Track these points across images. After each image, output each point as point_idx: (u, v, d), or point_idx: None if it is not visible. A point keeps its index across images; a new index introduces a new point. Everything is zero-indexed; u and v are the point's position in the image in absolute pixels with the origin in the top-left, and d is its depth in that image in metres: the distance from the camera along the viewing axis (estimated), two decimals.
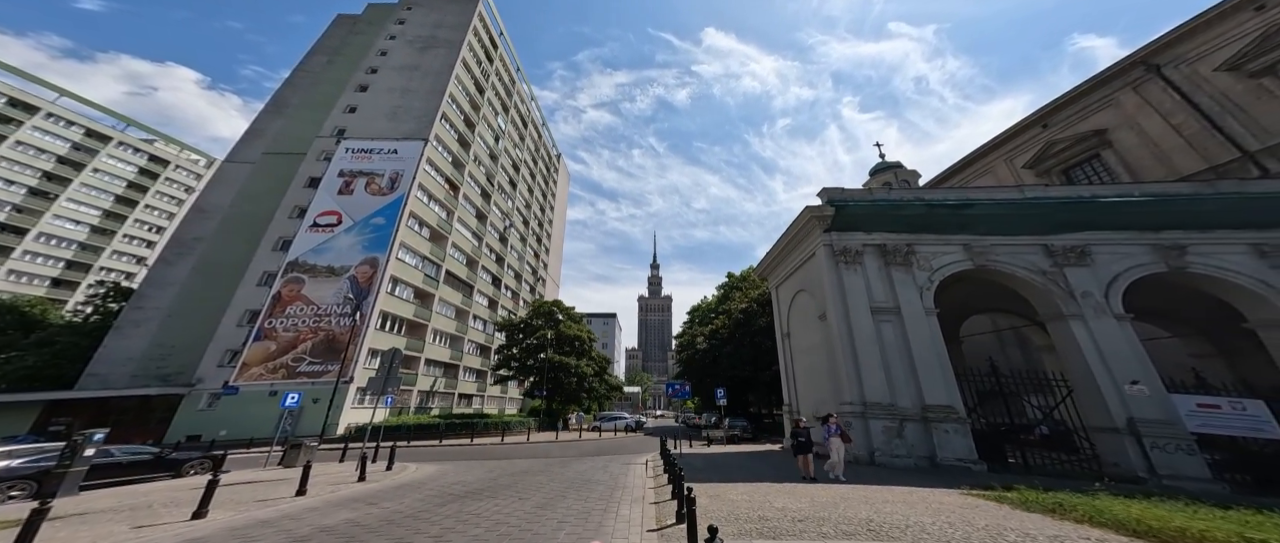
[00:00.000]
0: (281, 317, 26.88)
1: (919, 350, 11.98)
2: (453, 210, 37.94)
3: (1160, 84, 18.38)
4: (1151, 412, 10.63)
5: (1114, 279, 12.38)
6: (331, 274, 28.43)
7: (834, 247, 13.87)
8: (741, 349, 29.97)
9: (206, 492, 5.77)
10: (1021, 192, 13.94)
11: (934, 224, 13.86)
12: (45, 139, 54.80)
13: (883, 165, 28.29)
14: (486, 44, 49.53)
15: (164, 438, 23.02)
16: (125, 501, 7.60)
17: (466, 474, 11.22)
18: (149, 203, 64.61)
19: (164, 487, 9.16)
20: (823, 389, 13.99)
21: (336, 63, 44.29)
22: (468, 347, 40.79)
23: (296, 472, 10.85)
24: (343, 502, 7.50)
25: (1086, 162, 20.78)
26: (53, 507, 4.59)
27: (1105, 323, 11.74)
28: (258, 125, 40.45)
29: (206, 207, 35.12)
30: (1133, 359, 11.23)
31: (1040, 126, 22.51)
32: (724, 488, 8.38)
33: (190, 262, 32.06)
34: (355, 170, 32.51)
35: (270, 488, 8.71)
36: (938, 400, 11.42)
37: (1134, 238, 12.89)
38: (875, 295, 12.99)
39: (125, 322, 29.50)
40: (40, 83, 55.95)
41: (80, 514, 6.41)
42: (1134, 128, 19.05)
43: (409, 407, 31.96)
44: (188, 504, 6.01)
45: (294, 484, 8.01)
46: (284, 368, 25.65)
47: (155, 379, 26.98)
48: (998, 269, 13.26)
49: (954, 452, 10.80)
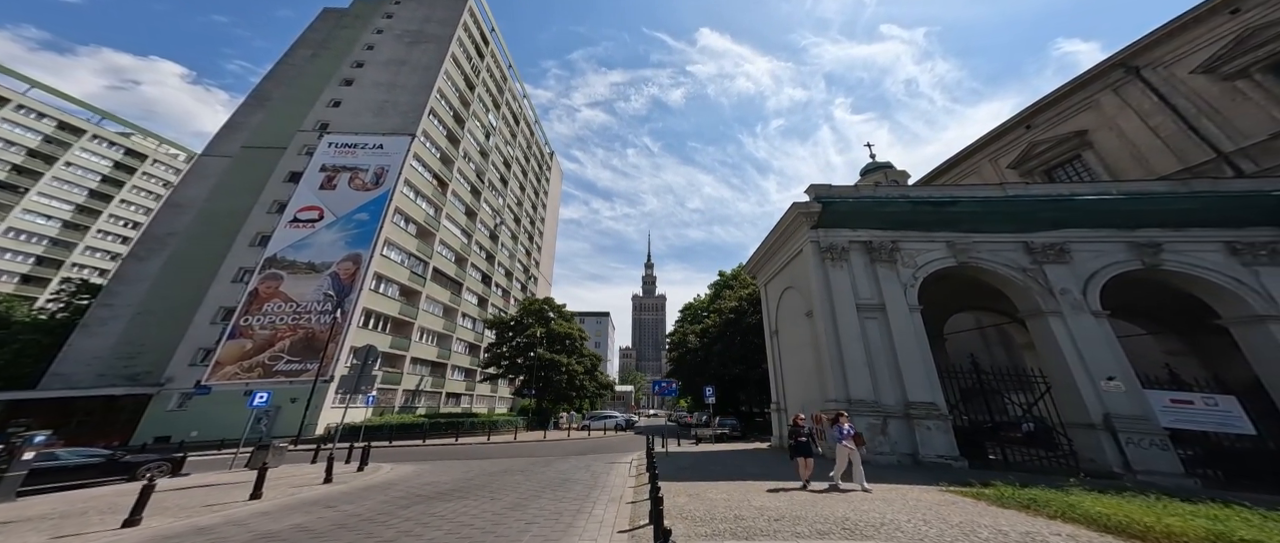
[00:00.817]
0: (258, 314, 26.10)
1: (903, 348, 11.94)
2: (441, 207, 37.29)
3: (1140, 86, 18.69)
4: (1127, 408, 10.70)
5: (1092, 276, 12.47)
6: (312, 271, 27.69)
7: (821, 243, 13.79)
8: (732, 348, 29.91)
9: (140, 497, 5.37)
10: (1003, 190, 14.00)
11: (918, 221, 13.87)
12: (15, 131, 52.71)
13: (873, 166, 28.50)
14: (477, 40, 48.87)
15: (130, 440, 22.16)
16: (61, 507, 7.13)
17: (442, 475, 10.86)
18: (125, 198, 62.57)
19: (110, 492, 8.63)
20: (810, 387, 13.92)
21: (321, 57, 43.30)
22: (456, 345, 40.15)
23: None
24: (298, 506, 7.12)
25: (1068, 162, 21.08)
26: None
27: (1083, 320, 11.82)
28: (237, 119, 39.36)
29: (181, 201, 34.04)
30: (1109, 356, 11.31)
31: (1024, 128, 22.80)
32: (705, 487, 8.20)
33: (162, 258, 31.01)
34: (338, 165, 31.75)
35: (224, 492, 8.28)
36: (921, 398, 11.37)
37: (1111, 235, 13.02)
38: (861, 292, 12.94)
39: (93, 319, 28.41)
40: (11, 74, 53.87)
41: (2, 523, 5.95)
42: (1113, 129, 19.36)
43: (394, 406, 31.29)
44: (126, 511, 5.61)
45: (252, 488, 7.61)
46: (260, 367, 24.90)
47: (123, 379, 26.00)
48: (979, 266, 13.29)
49: (935, 449, 10.76)
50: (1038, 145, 21.67)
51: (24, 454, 7.79)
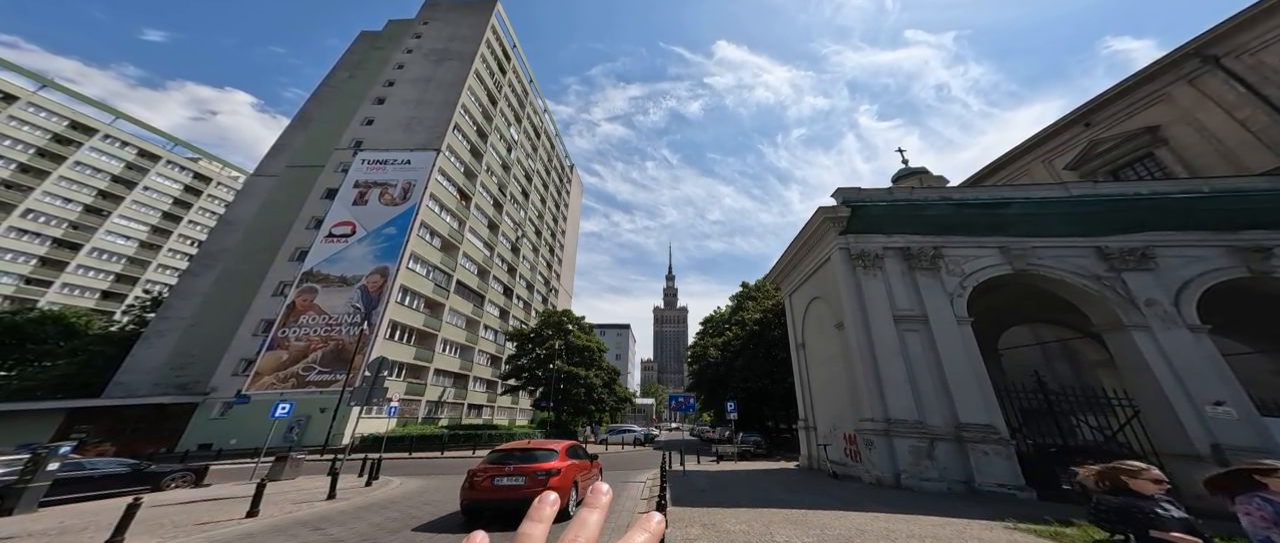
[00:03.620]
0: (294, 326, 27.22)
1: (951, 363, 10.63)
2: (464, 220, 38.23)
3: (1220, 76, 16.65)
4: (1241, 437, 8.94)
5: (1184, 285, 10.72)
6: (344, 284, 28.74)
7: (851, 250, 12.71)
8: (755, 361, 28.51)
9: (124, 517, 5.16)
10: (1067, 190, 12.48)
11: (964, 225, 12.55)
12: (102, 159, 59.07)
13: (906, 171, 26.52)
14: (500, 55, 50.59)
15: (176, 446, 23.30)
16: (67, 521, 7.13)
17: (447, 492, 10.42)
18: (192, 218, 68.55)
19: (120, 505, 8.71)
20: (841, 403, 12.76)
21: (357, 77, 46.03)
22: (478, 356, 40.57)
23: (272, 487, 10.33)
24: (286, 526, 6.80)
25: (1138, 161, 18.94)
26: None
27: (1177, 334, 10.09)
28: (283, 140, 42.22)
29: (233, 219, 36.53)
30: (1214, 377, 9.55)
31: (1082, 126, 20.78)
32: (723, 515, 7.29)
33: (215, 273, 33.16)
34: (370, 181, 33.21)
35: (225, 508, 8.14)
36: (974, 418, 10.01)
37: (1207, 239, 11.22)
38: (898, 303, 11.74)
39: (152, 331, 30.55)
40: (98, 106, 60.84)
41: (3, 538, 5.90)
42: (1192, 123, 17.24)
43: (417, 417, 31.68)
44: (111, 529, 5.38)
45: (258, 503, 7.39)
46: (294, 377, 25.80)
47: (174, 388, 27.61)
48: (1041, 273, 11.77)
49: (995, 476, 9.38)
50: (1101, 143, 19.64)
51: (48, 465, 7.96)
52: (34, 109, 53.39)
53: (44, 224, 52.51)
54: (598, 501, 0.53)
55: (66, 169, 54.86)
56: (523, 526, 0.48)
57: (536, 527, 0.49)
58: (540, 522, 0.50)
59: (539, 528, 0.49)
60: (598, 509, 0.51)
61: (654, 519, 0.50)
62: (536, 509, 0.51)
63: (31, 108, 53.17)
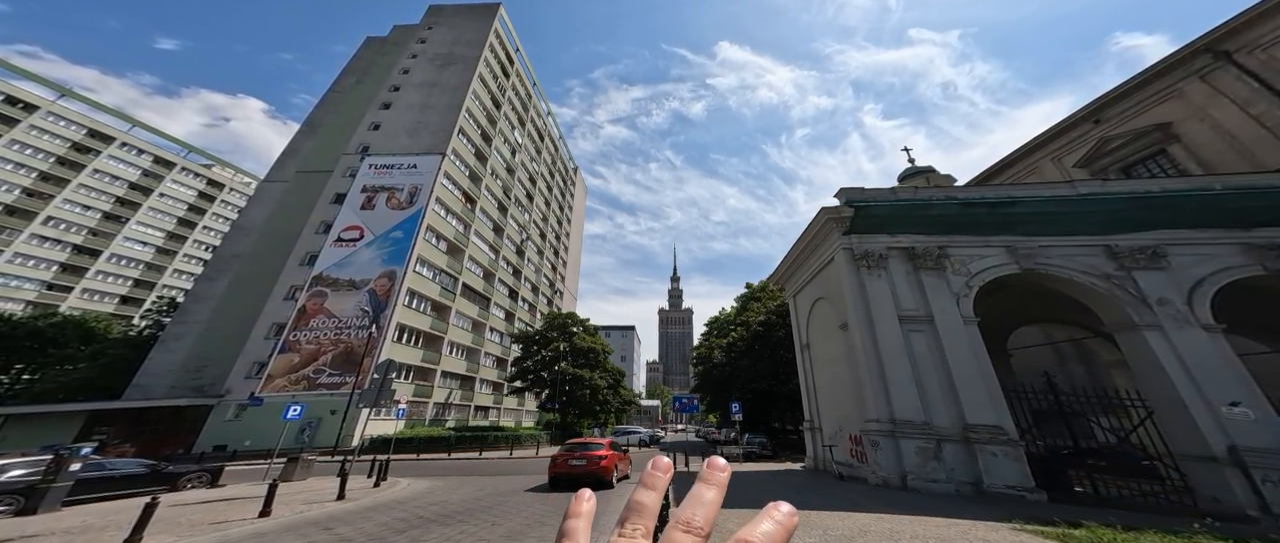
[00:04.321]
0: (305, 329, 27.68)
1: (957, 363, 10.55)
2: (469, 223, 38.60)
3: (1233, 72, 16.37)
4: (1259, 439, 8.76)
5: (1197, 284, 10.53)
6: (353, 287, 29.18)
7: (854, 250, 12.67)
8: (760, 362, 28.40)
9: (142, 516, 5.34)
10: (1075, 188, 12.32)
11: (970, 224, 12.44)
12: (119, 166, 60.56)
13: (913, 170, 26.28)
14: (503, 59, 50.98)
15: (192, 447, 23.80)
16: (89, 520, 7.36)
17: (453, 493, 10.57)
18: (206, 224, 69.99)
19: (139, 505, 8.98)
20: (847, 404, 12.71)
21: (364, 83, 46.71)
22: (484, 359, 40.89)
23: (284, 488, 10.54)
24: (297, 526, 6.96)
25: (1149, 158, 18.64)
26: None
27: (1190, 334, 9.92)
28: (293, 145, 42.95)
29: (245, 224, 37.25)
30: (1230, 377, 9.37)
31: (1092, 123, 20.48)
32: (726, 516, 7.31)
33: (228, 277, 33.81)
34: (377, 185, 33.68)
35: (239, 507, 8.34)
36: (982, 419, 9.92)
37: (1219, 237, 11.02)
38: (903, 303, 11.67)
39: (169, 335, 31.24)
40: (116, 114, 62.43)
41: (26, 537, 6.12)
42: (1205, 120, 16.95)
43: (425, 418, 32.00)
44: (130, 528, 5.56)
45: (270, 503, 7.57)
46: (305, 379, 26.24)
47: (190, 390, 28.21)
48: (1049, 273, 11.63)
49: (1003, 477, 9.29)
50: (1111, 140, 19.35)
51: (71, 466, 8.22)
52: (54, 118, 54.93)
53: (64, 231, 53.93)
54: (714, 477, 0.46)
55: (86, 177, 56.32)
56: (636, 493, 0.45)
57: (649, 495, 0.45)
58: (653, 490, 0.46)
59: (651, 496, 0.45)
60: (714, 486, 0.45)
61: (782, 508, 0.45)
62: (650, 476, 0.47)
63: (52, 117, 54.71)
